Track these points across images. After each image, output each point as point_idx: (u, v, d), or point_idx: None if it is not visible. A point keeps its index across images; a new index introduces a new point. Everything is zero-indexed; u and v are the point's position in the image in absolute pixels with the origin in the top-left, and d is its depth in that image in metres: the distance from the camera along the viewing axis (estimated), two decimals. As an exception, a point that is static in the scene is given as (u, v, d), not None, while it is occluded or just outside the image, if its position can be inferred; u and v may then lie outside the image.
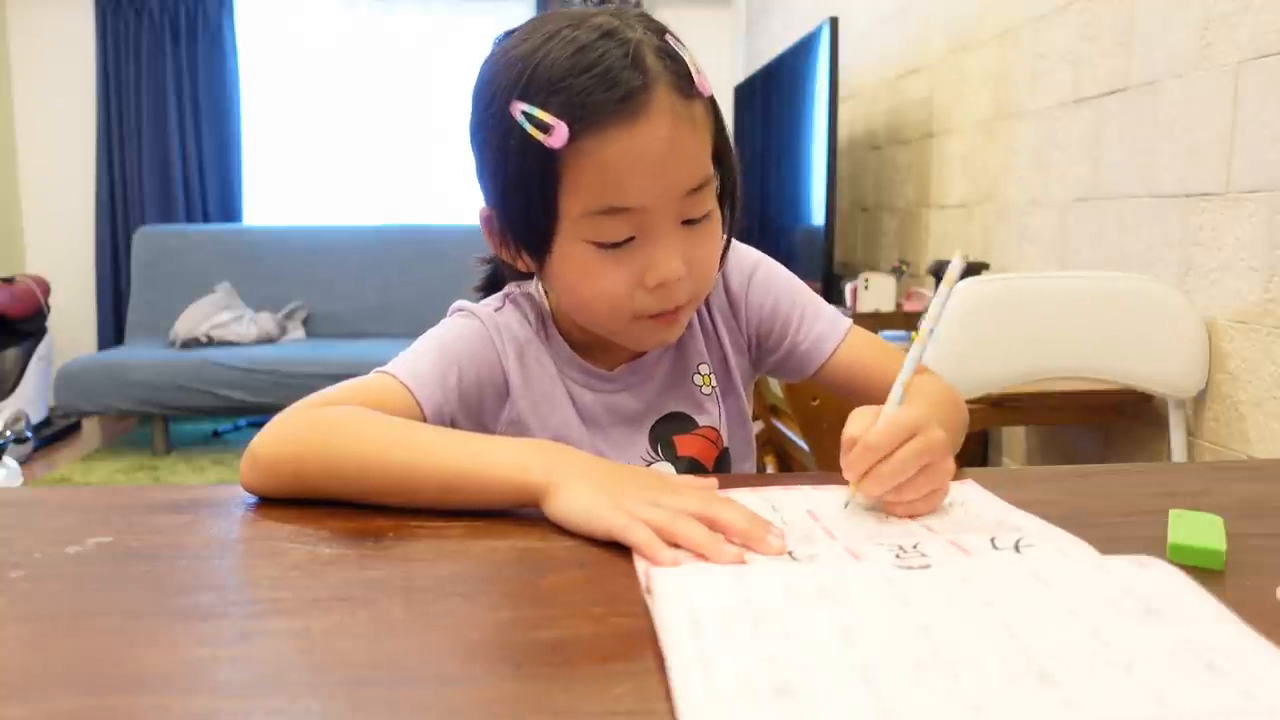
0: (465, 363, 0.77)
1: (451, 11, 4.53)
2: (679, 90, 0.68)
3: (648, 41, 0.68)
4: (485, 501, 0.61)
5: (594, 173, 0.67)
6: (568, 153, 0.66)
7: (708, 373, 0.85)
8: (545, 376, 0.80)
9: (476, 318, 0.80)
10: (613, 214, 0.68)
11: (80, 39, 4.38)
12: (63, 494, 0.74)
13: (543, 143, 0.66)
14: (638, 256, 0.70)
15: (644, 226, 0.69)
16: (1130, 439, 1.77)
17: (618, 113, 0.66)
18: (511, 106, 0.67)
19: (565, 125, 0.65)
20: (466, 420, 0.77)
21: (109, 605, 0.48)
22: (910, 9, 2.78)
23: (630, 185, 0.68)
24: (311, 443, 0.65)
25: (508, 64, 0.69)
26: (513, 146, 0.68)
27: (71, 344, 4.35)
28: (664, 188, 0.69)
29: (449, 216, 4.43)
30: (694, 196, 0.70)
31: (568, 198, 0.68)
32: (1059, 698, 0.36)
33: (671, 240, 0.70)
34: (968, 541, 0.55)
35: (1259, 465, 0.95)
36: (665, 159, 0.68)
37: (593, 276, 0.71)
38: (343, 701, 0.38)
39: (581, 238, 0.70)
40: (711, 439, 0.84)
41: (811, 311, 0.86)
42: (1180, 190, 1.60)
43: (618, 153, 0.66)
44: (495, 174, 0.72)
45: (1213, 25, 1.52)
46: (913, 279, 2.69)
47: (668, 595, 0.45)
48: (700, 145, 0.71)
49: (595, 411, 0.81)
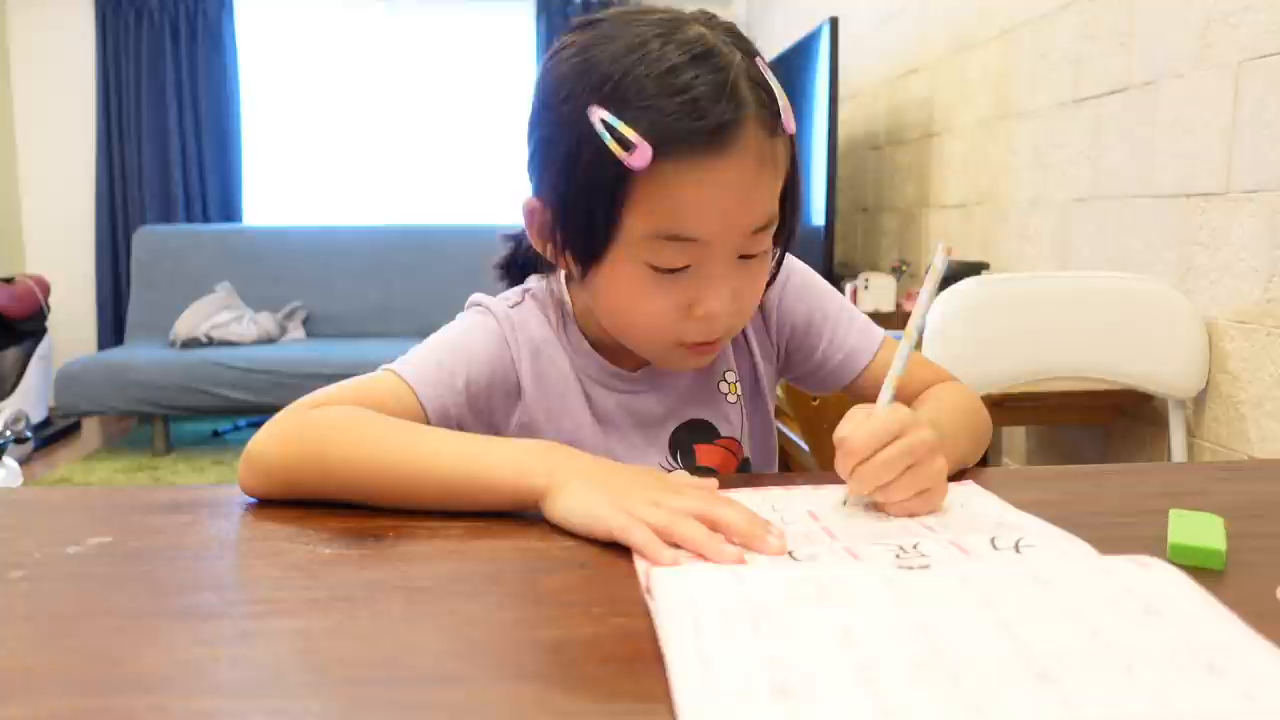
0: (475, 364, 0.76)
1: (452, 11, 4.53)
2: (766, 127, 0.66)
3: (741, 69, 0.65)
4: (484, 504, 0.61)
5: (667, 199, 0.65)
6: (643, 173, 0.64)
7: (734, 381, 0.84)
8: (560, 378, 0.79)
9: (492, 316, 0.79)
10: (675, 241, 0.67)
11: (80, 39, 4.38)
12: (63, 494, 0.74)
13: (620, 159, 0.63)
14: (690, 285, 0.69)
15: (702, 257, 0.68)
16: (1130, 439, 1.77)
17: (705, 145, 0.63)
18: (590, 111, 0.64)
19: (649, 146, 0.63)
20: (475, 422, 0.76)
21: (109, 605, 0.48)
22: (910, 9, 2.78)
23: (701, 218, 0.66)
24: (307, 446, 0.64)
25: (589, 65, 0.66)
26: (585, 154, 0.65)
27: (71, 344, 4.35)
28: (731, 225, 0.67)
29: (449, 216, 4.44)
30: (756, 235, 0.69)
31: (633, 217, 0.66)
32: (1059, 698, 0.36)
33: (727, 275, 0.69)
34: (968, 542, 0.55)
35: (1259, 465, 0.95)
36: (741, 197, 0.66)
37: (641, 299, 0.70)
38: (343, 701, 0.38)
39: (638, 258, 0.68)
40: (733, 450, 0.83)
41: (845, 324, 0.84)
42: (1180, 190, 1.60)
43: (695, 184, 0.64)
44: (559, 176, 0.69)
45: (1213, 25, 1.52)
46: (913, 279, 2.69)
47: (668, 595, 0.45)
48: (774, 185, 0.69)
49: (613, 412, 0.80)
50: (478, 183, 4.48)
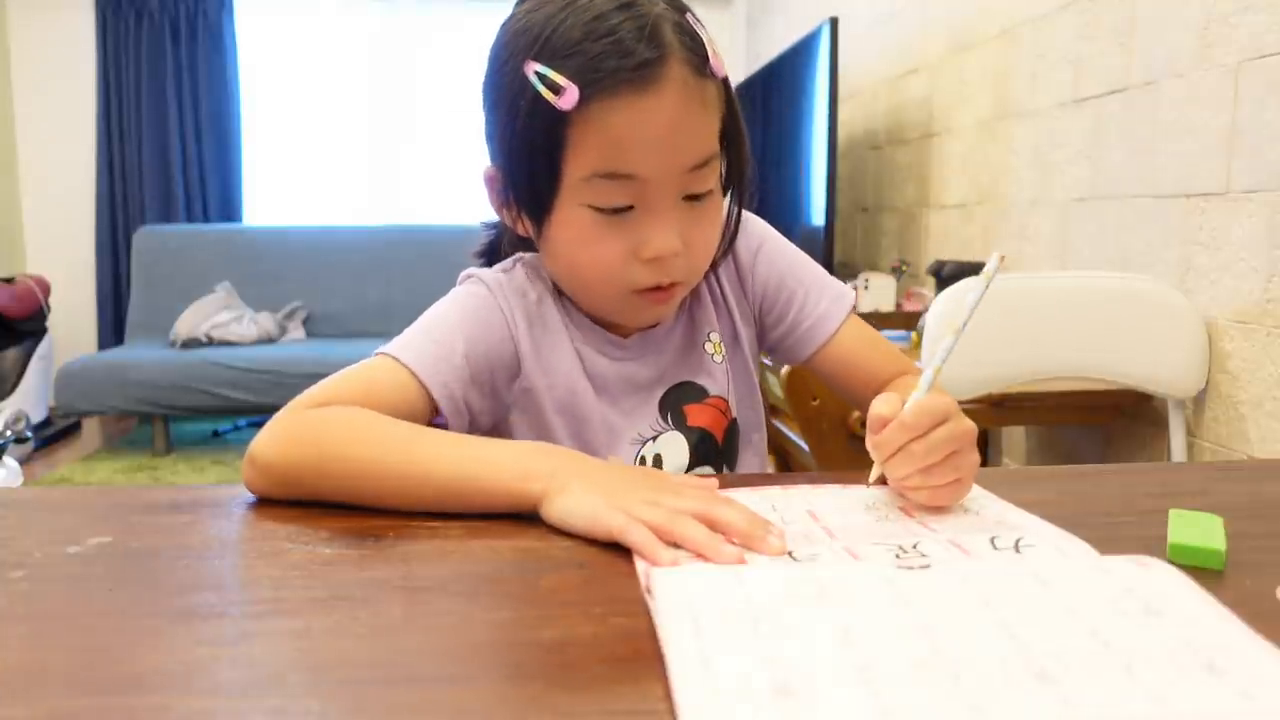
0: (472, 335, 0.76)
1: (452, 12, 4.53)
2: (692, 67, 0.69)
3: (667, 16, 0.69)
4: (484, 507, 0.61)
5: (600, 137, 0.68)
6: (576, 116, 0.67)
7: (718, 340, 0.85)
8: (555, 341, 0.80)
9: (484, 284, 0.79)
10: (614, 179, 0.69)
11: (80, 39, 4.38)
12: (63, 494, 0.73)
13: (553, 104, 0.67)
14: (636, 227, 0.71)
15: (644, 197, 0.70)
16: (1130, 439, 1.77)
17: (629, 81, 0.67)
18: (525, 66, 0.68)
19: (576, 88, 0.66)
20: (478, 394, 0.76)
21: (109, 605, 0.48)
22: (910, 9, 2.78)
23: (634, 153, 0.69)
24: (306, 449, 0.65)
25: (525, 27, 0.70)
26: (522, 106, 0.69)
27: (71, 344, 4.35)
28: (667, 160, 0.69)
29: (449, 217, 4.43)
30: (696, 173, 0.71)
31: (572, 161, 0.69)
32: (1059, 697, 0.36)
33: (670, 215, 0.71)
34: (967, 541, 0.55)
35: (1259, 465, 0.95)
36: (671, 132, 0.69)
37: (589, 243, 0.72)
38: (343, 701, 0.38)
39: (581, 202, 0.71)
40: (722, 409, 0.84)
41: (816, 289, 0.86)
42: (1180, 190, 1.60)
43: (625, 120, 0.67)
44: (503, 133, 0.73)
45: (1213, 25, 1.52)
46: (912, 279, 2.69)
47: (668, 595, 0.45)
48: (708, 124, 0.72)
49: (607, 379, 0.81)
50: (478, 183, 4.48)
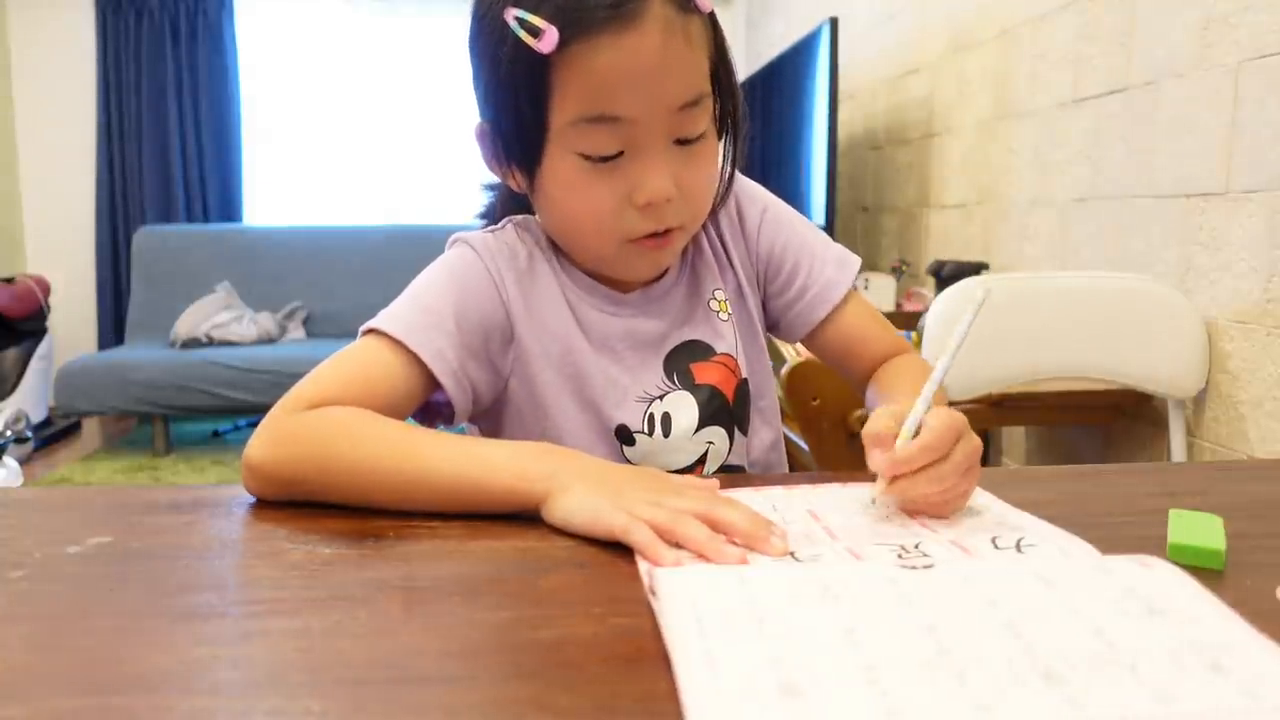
0: (463, 301, 0.74)
1: (452, 11, 4.53)
2: (675, 3, 0.67)
3: None
4: (485, 508, 0.61)
5: (583, 79, 0.66)
6: (558, 59, 0.66)
7: (723, 299, 0.83)
8: (548, 300, 0.78)
9: (470, 247, 0.78)
10: (601, 123, 0.67)
11: (80, 39, 4.38)
12: (63, 494, 0.73)
13: (533, 48, 0.65)
14: (627, 173, 0.69)
15: (634, 141, 0.69)
16: (1130, 439, 1.77)
17: (609, 19, 0.65)
18: (505, 13, 0.67)
19: (555, 30, 0.65)
20: (474, 362, 0.74)
21: (109, 605, 0.48)
22: (910, 9, 2.78)
23: (619, 94, 0.67)
24: (304, 451, 0.64)
25: None
26: (505, 54, 0.67)
27: (71, 344, 4.35)
28: (654, 100, 0.67)
29: (449, 217, 4.43)
30: (686, 113, 0.69)
31: (557, 106, 0.68)
32: (1064, 697, 0.36)
33: (662, 158, 0.69)
34: (969, 541, 0.55)
35: (1259, 465, 0.95)
36: (656, 69, 0.67)
37: (581, 192, 0.70)
38: (343, 701, 0.38)
39: (570, 149, 0.69)
40: (731, 367, 0.82)
41: (821, 254, 0.85)
42: (1180, 190, 1.60)
43: (607, 60, 0.66)
44: (488, 84, 0.71)
45: (1213, 25, 1.52)
46: (912, 279, 2.69)
47: (672, 596, 0.45)
48: (695, 61, 0.70)
49: (606, 335, 0.79)
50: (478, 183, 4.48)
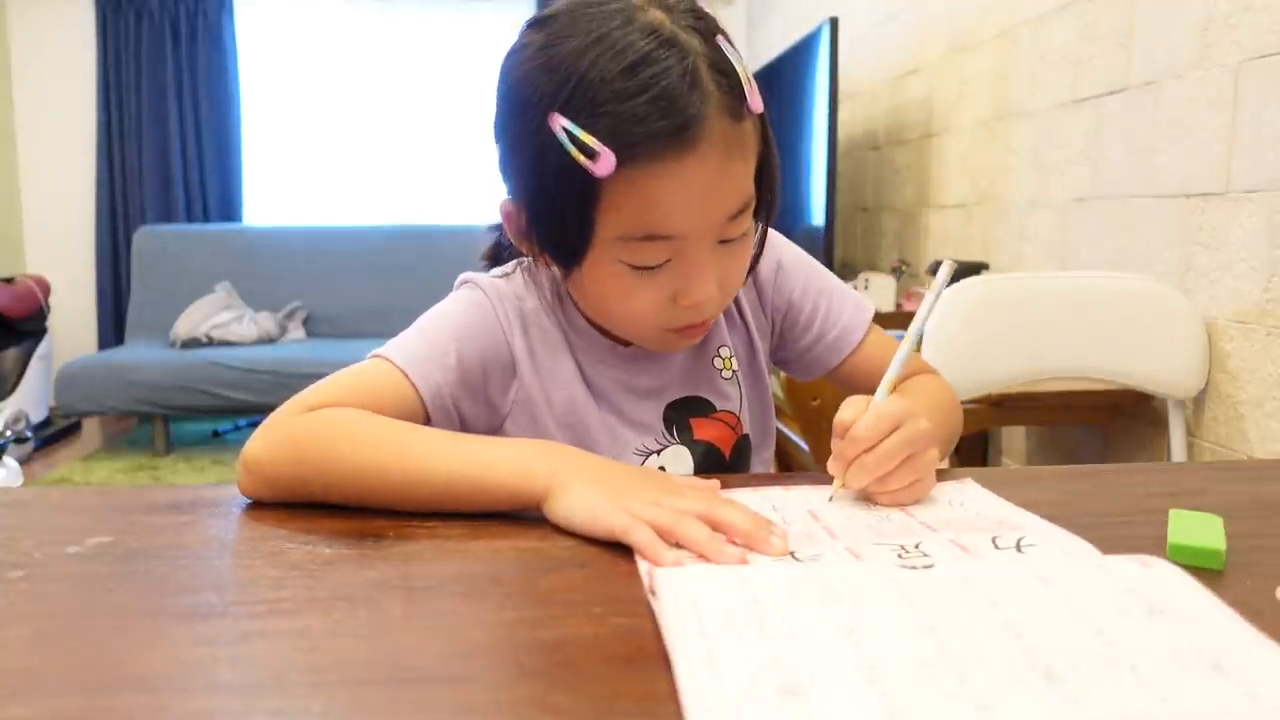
0: (466, 340, 0.74)
1: (452, 11, 4.53)
2: (731, 113, 0.64)
3: (703, 55, 0.64)
4: (485, 506, 0.61)
5: (637, 202, 0.64)
6: (611, 178, 0.63)
7: (728, 356, 0.83)
8: (552, 349, 0.78)
9: (480, 289, 0.78)
10: (651, 240, 0.66)
11: (80, 39, 4.38)
12: (63, 494, 0.73)
13: (585, 167, 0.62)
14: (673, 277, 0.68)
15: (681, 251, 0.67)
16: (1130, 439, 1.77)
17: (669, 145, 0.62)
18: (551, 119, 0.63)
19: (612, 154, 0.61)
20: (470, 400, 0.75)
21: (109, 605, 0.48)
22: (910, 9, 2.77)
23: (673, 215, 0.65)
24: (303, 450, 0.64)
25: (548, 67, 0.64)
26: (550, 161, 0.64)
27: (71, 344, 4.35)
28: (707, 217, 0.66)
29: (449, 217, 4.43)
30: (734, 220, 0.68)
31: (605, 220, 0.65)
32: (1065, 697, 0.36)
33: (708, 262, 0.68)
34: (969, 541, 0.55)
35: (1259, 465, 0.95)
36: (712, 190, 0.65)
37: (624, 296, 0.69)
38: (343, 701, 0.38)
39: (615, 258, 0.67)
40: (730, 424, 0.82)
41: (838, 301, 0.85)
42: (1180, 190, 1.60)
43: (664, 186, 0.63)
44: (528, 182, 0.68)
45: (1213, 25, 1.52)
46: (912, 279, 2.69)
47: (672, 596, 0.45)
48: (746, 169, 0.68)
49: (608, 387, 0.79)
50: (477, 183, 4.48)
